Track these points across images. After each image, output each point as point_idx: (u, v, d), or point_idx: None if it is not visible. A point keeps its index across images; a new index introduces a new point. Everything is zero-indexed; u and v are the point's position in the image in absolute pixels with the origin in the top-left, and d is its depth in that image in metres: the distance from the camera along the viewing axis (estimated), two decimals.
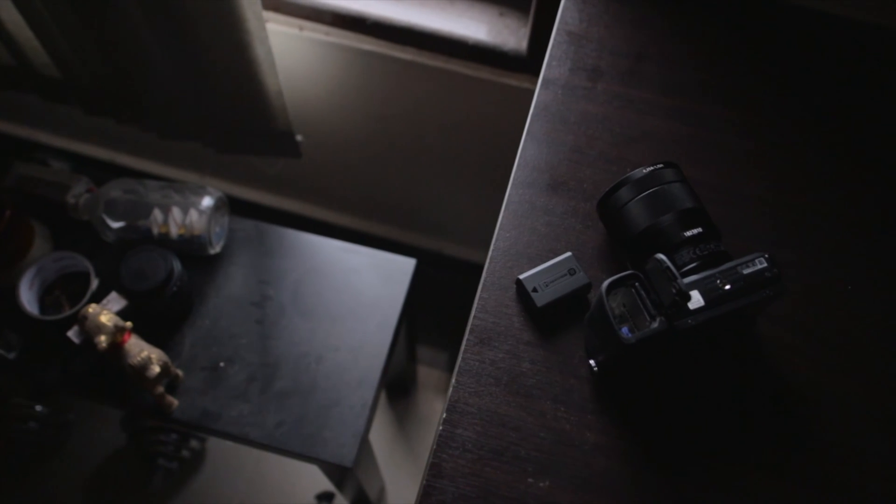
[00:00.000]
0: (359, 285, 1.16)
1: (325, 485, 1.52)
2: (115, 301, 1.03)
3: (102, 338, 0.94)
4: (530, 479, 0.55)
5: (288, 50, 1.23)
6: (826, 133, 0.73)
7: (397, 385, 1.65)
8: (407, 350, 1.42)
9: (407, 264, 1.18)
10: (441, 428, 0.57)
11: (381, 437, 1.60)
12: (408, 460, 1.60)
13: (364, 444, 1.08)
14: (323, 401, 1.07)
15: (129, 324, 0.98)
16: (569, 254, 0.62)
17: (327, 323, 1.13)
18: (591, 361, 0.59)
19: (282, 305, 1.14)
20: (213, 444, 1.59)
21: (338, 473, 1.10)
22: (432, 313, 1.58)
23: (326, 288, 1.16)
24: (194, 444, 1.53)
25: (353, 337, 1.12)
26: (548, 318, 0.61)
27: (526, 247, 0.65)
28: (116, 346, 0.97)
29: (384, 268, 1.18)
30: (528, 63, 1.12)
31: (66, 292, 1.13)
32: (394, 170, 1.47)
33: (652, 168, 0.60)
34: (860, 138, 0.73)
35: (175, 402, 1.05)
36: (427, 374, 1.69)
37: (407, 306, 1.17)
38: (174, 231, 1.11)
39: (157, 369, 0.97)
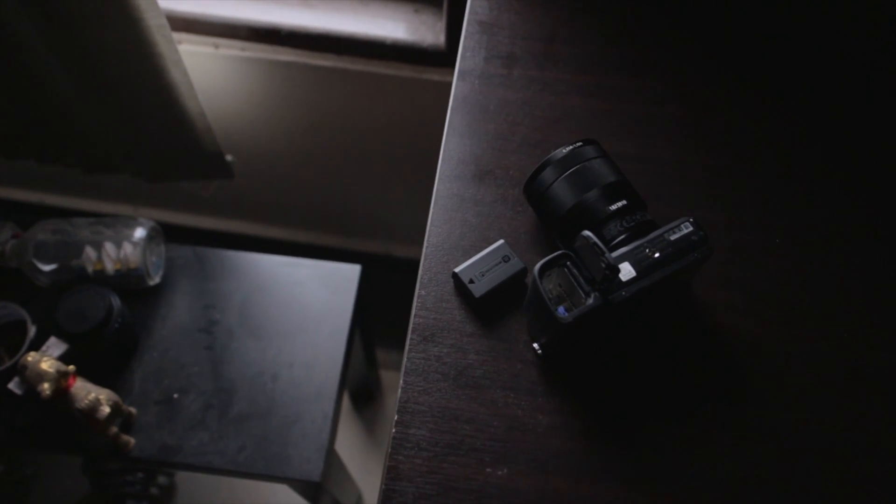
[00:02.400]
0: (306, 298, 1.15)
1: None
2: (56, 346, 1.00)
3: (46, 385, 0.91)
4: (488, 469, 0.55)
5: (206, 70, 1.21)
6: (743, 92, 0.75)
7: (361, 392, 1.64)
8: (365, 356, 1.41)
9: (352, 271, 1.17)
10: (394, 430, 0.57)
11: (350, 446, 1.59)
12: (381, 466, 1.58)
13: (331, 457, 1.07)
14: (283, 419, 1.06)
15: (71, 368, 0.95)
16: (501, 241, 0.62)
17: (278, 340, 1.12)
18: (535, 345, 0.59)
19: (230, 328, 1.13)
20: (182, 477, 1.56)
21: (309, 490, 1.09)
22: (388, 316, 1.57)
23: (273, 305, 1.15)
24: (162, 479, 1.50)
25: (306, 351, 1.11)
26: (488, 308, 0.61)
27: (459, 239, 0.65)
28: (62, 392, 0.94)
29: (329, 277, 1.17)
30: (448, 57, 1.12)
31: (3, 343, 1.09)
32: (330, 177, 1.46)
33: (571, 147, 0.61)
34: (777, 94, 0.75)
35: (131, 440, 1.03)
36: (391, 378, 1.68)
37: (357, 313, 1.16)
38: (109, 267, 1.08)
39: (106, 410, 0.94)
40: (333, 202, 1.55)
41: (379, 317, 1.45)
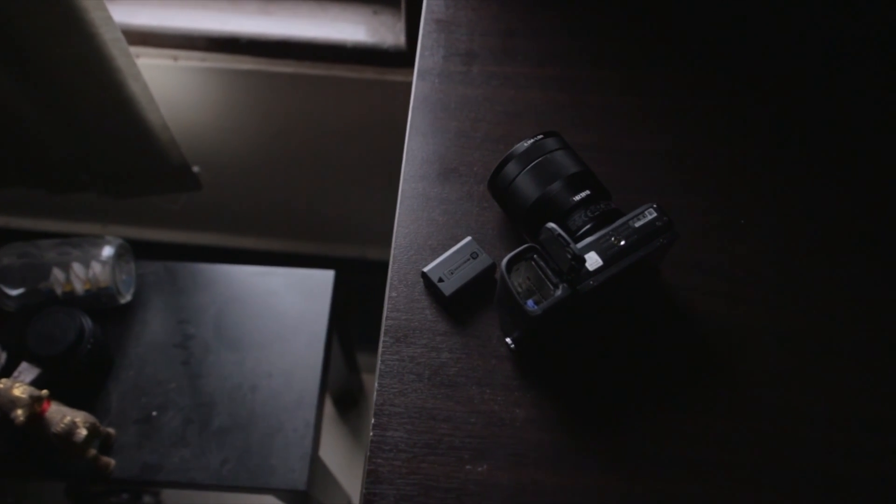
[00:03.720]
0: (281, 307, 1.14)
1: None
2: (27, 371, 0.98)
3: (19, 412, 0.90)
4: (468, 466, 0.55)
5: (166, 82, 1.20)
6: (703, 78, 0.76)
7: (344, 398, 1.64)
8: (346, 361, 1.40)
9: (326, 277, 1.16)
10: (372, 434, 0.56)
11: (337, 452, 1.58)
12: None
13: (315, 464, 1.06)
14: (265, 429, 1.05)
15: (44, 392, 0.93)
16: (469, 238, 0.62)
17: (255, 351, 1.11)
18: (508, 339, 0.59)
19: (206, 342, 1.11)
20: (168, 494, 1.54)
21: (295, 499, 1.08)
22: (367, 320, 1.56)
23: (248, 316, 1.14)
24: (148, 499, 1.48)
25: (284, 360, 1.10)
26: (459, 305, 0.61)
27: (427, 238, 0.65)
28: (36, 418, 0.92)
29: (304, 285, 1.16)
30: (409, 57, 1.12)
31: None
32: (300, 184, 1.45)
33: (533, 140, 0.61)
34: (737, 78, 0.76)
35: (111, 461, 1.01)
36: (373, 381, 1.68)
37: (333, 319, 1.15)
38: (79, 287, 1.07)
39: (83, 433, 0.93)
40: (304, 208, 1.55)
41: (358, 321, 1.44)
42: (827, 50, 0.78)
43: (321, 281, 1.16)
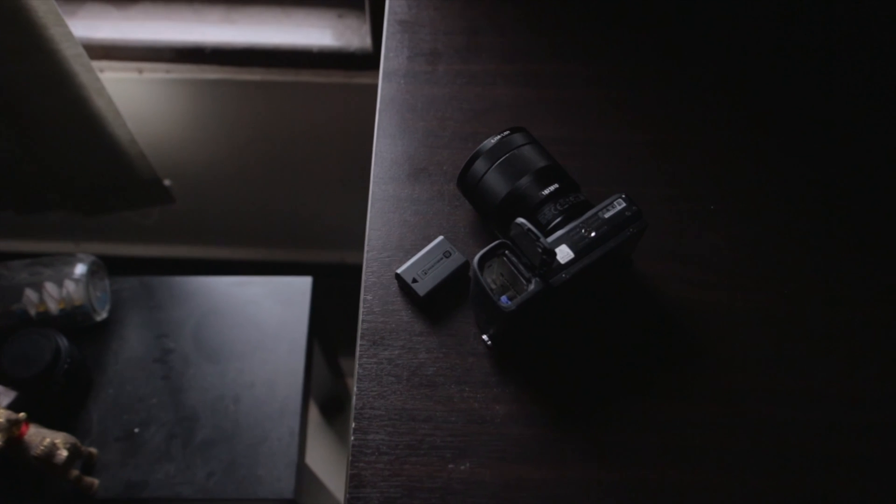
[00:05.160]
0: (259, 316, 1.13)
1: None
2: (4, 394, 0.97)
3: None
4: (451, 465, 0.55)
5: (132, 96, 1.18)
6: (668, 67, 0.76)
7: (331, 404, 1.63)
8: (329, 367, 1.40)
9: (304, 284, 1.16)
10: (353, 438, 0.56)
11: (325, 459, 1.58)
12: None
13: (302, 472, 1.06)
14: (249, 440, 1.04)
15: (22, 415, 0.92)
16: (441, 237, 0.62)
17: (236, 361, 1.10)
18: (485, 336, 0.59)
19: (185, 355, 1.10)
20: None
21: None
22: (349, 324, 1.56)
23: (227, 327, 1.13)
24: None
25: (266, 369, 1.09)
26: (434, 305, 0.61)
27: (400, 240, 0.64)
28: (15, 442, 0.91)
29: (282, 293, 1.16)
30: (376, 59, 1.12)
31: None
32: (273, 191, 1.45)
33: (500, 136, 0.61)
34: (700, 66, 0.76)
35: (95, 481, 1.00)
36: None
37: (313, 325, 1.15)
38: (53, 307, 1.06)
39: (64, 454, 0.91)
40: (280, 216, 1.54)
41: (339, 326, 1.43)
42: (791, 37, 0.78)
43: (299, 288, 1.16)
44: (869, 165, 0.70)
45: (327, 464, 1.56)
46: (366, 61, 1.12)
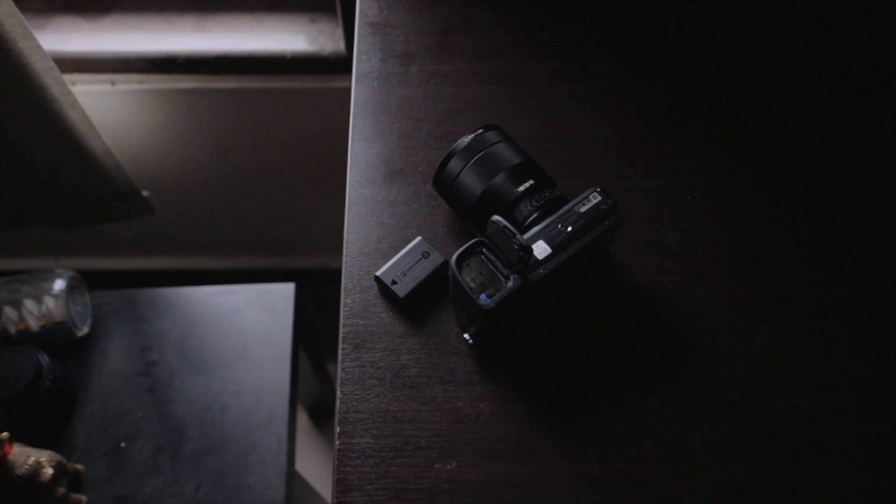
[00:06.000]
0: (243, 324, 1.13)
1: None
2: None
3: None
4: (437, 465, 0.55)
5: (106, 108, 1.18)
6: (641, 61, 0.77)
7: (320, 409, 1.62)
8: (316, 373, 1.39)
9: (286, 290, 1.15)
10: (338, 442, 0.56)
11: (316, 465, 1.57)
12: None
13: (292, 479, 1.05)
14: (238, 449, 1.03)
15: (5, 435, 0.91)
16: (419, 238, 0.62)
17: (221, 371, 1.09)
18: (466, 335, 0.59)
19: (170, 367, 1.10)
20: None
21: None
22: (334, 329, 1.55)
23: (211, 336, 1.12)
24: None
25: (252, 377, 1.09)
26: (415, 306, 0.61)
27: (378, 242, 0.64)
28: None
29: (265, 300, 1.15)
30: (350, 62, 1.11)
31: None
32: (253, 199, 1.44)
33: (473, 135, 0.61)
34: (674, 61, 0.77)
35: (83, 498, 0.99)
36: None
37: (298, 331, 1.14)
38: (34, 324, 1.04)
39: (49, 472, 0.90)
40: (261, 223, 1.53)
41: (326, 331, 1.43)
42: (759, 26, 0.79)
43: (282, 294, 1.16)
44: (844, 151, 0.71)
45: (318, 470, 1.55)
46: (340, 65, 1.12)
